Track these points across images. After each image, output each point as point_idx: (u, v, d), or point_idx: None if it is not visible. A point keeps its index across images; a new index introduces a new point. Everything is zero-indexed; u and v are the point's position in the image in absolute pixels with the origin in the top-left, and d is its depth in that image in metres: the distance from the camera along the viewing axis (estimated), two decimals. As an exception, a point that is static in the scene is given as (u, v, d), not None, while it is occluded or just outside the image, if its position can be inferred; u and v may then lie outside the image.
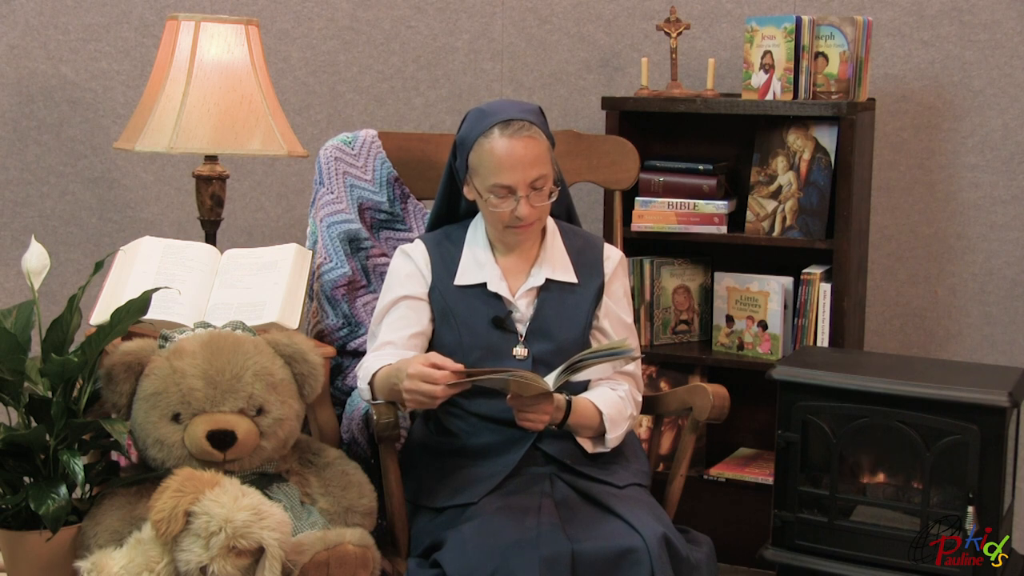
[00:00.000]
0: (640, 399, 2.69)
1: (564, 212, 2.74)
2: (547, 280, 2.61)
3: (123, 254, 2.82)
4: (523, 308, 2.59)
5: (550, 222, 2.67)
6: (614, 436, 2.56)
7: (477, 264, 2.61)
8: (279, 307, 2.72)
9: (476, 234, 2.65)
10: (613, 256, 2.71)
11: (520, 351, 2.56)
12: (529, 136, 2.49)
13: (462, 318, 2.58)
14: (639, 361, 2.71)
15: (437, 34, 3.84)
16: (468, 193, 2.60)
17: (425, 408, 2.38)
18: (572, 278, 2.63)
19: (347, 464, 2.58)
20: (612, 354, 2.38)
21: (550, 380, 2.35)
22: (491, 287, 2.59)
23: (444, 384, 2.28)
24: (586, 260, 2.67)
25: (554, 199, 2.55)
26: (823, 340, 3.30)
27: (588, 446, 2.57)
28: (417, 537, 2.53)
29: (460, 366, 2.31)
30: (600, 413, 2.55)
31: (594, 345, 2.64)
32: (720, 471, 3.49)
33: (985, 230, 3.53)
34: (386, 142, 3.00)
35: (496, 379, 2.32)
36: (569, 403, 2.50)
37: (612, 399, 2.58)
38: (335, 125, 3.82)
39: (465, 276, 2.61)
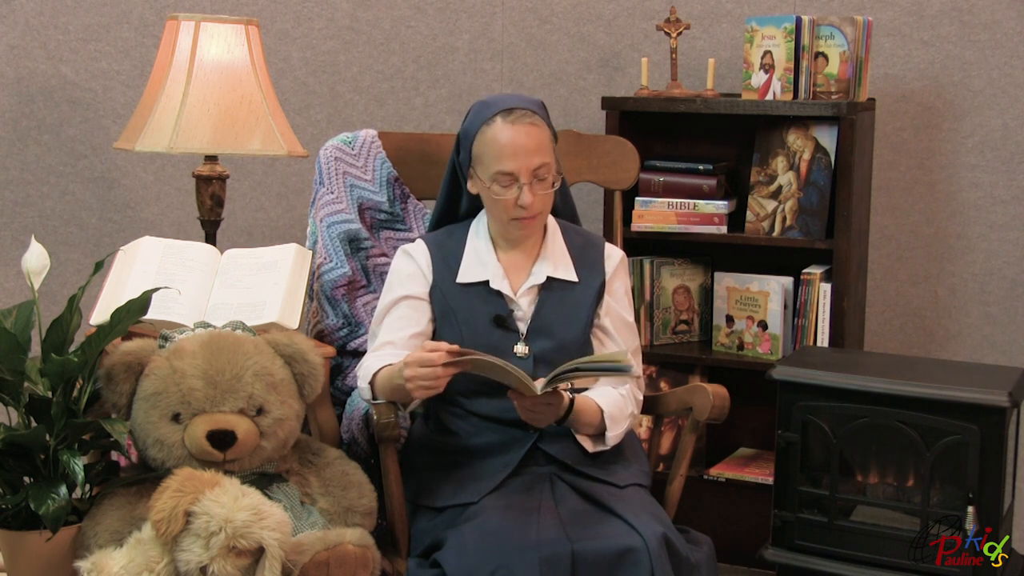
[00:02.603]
0: (641, 398, 2.69)
1: (568, 213, 2.75)
2: (548, 278, 2.61)
3: (123, 254, 2.82)
4: (524, 306, 2.59)
5: (551, 220, 2.68)
6: (614, 434, 2.56)
7: (480, 261, 2.61)
8: (279, 307, 2.72)
9: (479, 231, 2.65)
10: (614, 256, 2.71)
11: (521, 349, 2.57)
12: (531, 123, 2.51)
13: (463, 317, 2.58)
14: (640, 361, 2.71)
15: (437, 34, 3.84)
16: (472, 187, 2.60)
17: (432, 394, 2.37)
18: (573, 276, 2.63)
19: (347, 464, 2.58)
20: (611, 368, 2.38)
21: (539, 385, 2.35)
22: (493, 285, 2.59)
23: (442, 364, 2.29)
24: (587, 259, 2.67)
25: (557, 187, 2.56)
26: (823, 340, 3.30)
27: (588, 445, 2.57)
28: (417, 537, 2.53)
29: (455, 347, 2.32)
30: (601, 411, 2.55)
31: (595, 346, 2.64)
32: (720, 471, 3.49)
33: (985, 230, 3.52)
34: (386, 142, 3.00)
35: (495, 364, 2.32)
36: (572, 401, 2.50)
37: (614, 397, 2.58)
38: (335, 125, 3.82)
39: (468, 273, 2.61)
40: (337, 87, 3.86)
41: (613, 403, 2.57)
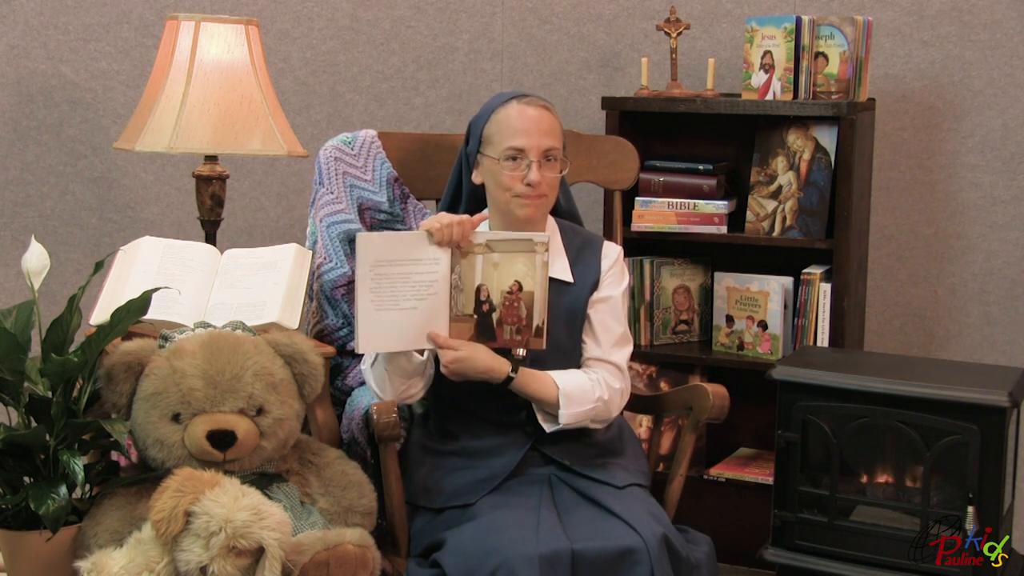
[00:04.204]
0: (619, 387, 2.63)
1: (570, 211, 2.75)
2: (545, 277, 2.61)
3: (123, 254, 2.82)
4: (522, 305, 2.60)
5: (551, 220, 2.68)
6: (568, 412, 2.53)
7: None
8: (279, 307, 2.72)
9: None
10: (610, 254, 2.71)
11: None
12: (544, 107, 2.58)
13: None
14: (628, 351, 2.68)
15: (437, 34, 3.84)
16: (476, 177, 2.61)
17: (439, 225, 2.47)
18: (568, 276, 2.64)
19: (347, 464, 2.58)
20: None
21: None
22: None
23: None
24: (584, 259, 2.67)
25: (564, 172, 2.59)
26: (823, 340, 3.30)
27: (544, 424, 2.55)
28: (417, 537, 2.53)
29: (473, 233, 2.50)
30: (557, 387, 2.53)
31: (586, 337, 2.64)
32: (720, 471, 3.49)
33: (985, 230, 3.52)
34: (386, 142, 3.00)
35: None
36: (515, 366, 2.50)
37: (578, 379, 2.57)
38: (335, 125, 3.82)
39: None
40: (337, 87, 3.86)
41: (575, 384, 2.55)
